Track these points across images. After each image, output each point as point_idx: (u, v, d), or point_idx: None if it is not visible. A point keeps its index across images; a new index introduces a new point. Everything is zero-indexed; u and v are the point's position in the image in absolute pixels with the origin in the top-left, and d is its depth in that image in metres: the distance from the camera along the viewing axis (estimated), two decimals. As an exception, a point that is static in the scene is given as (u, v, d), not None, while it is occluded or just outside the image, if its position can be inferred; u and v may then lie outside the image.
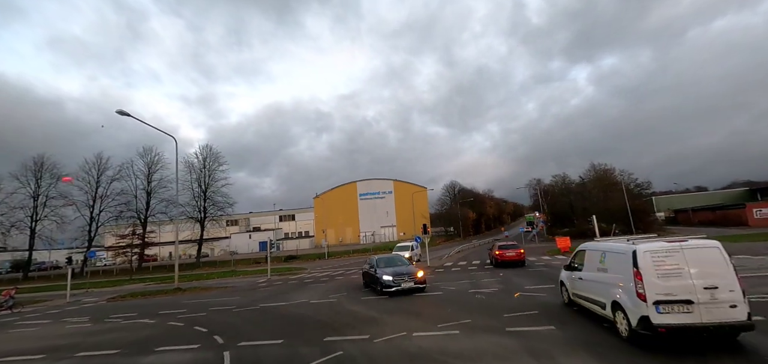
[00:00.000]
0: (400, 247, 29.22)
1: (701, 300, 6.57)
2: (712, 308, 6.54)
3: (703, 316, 6.51)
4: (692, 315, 6.54)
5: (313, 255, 53.79)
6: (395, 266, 15.11)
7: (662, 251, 7.09)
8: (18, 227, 56.51)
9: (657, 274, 6.89)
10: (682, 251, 7.03)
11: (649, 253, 7.11)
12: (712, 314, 6.50)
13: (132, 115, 20.71)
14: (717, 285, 6.63)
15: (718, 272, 6.77)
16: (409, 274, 14.28)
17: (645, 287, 6.86)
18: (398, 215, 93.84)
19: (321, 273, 28.56)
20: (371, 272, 15.70)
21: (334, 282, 21.44)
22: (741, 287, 6.64)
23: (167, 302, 18.46)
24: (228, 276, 32.79)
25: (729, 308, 6.52)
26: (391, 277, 14.01)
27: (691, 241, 7.25)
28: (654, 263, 6.98)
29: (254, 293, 19.44)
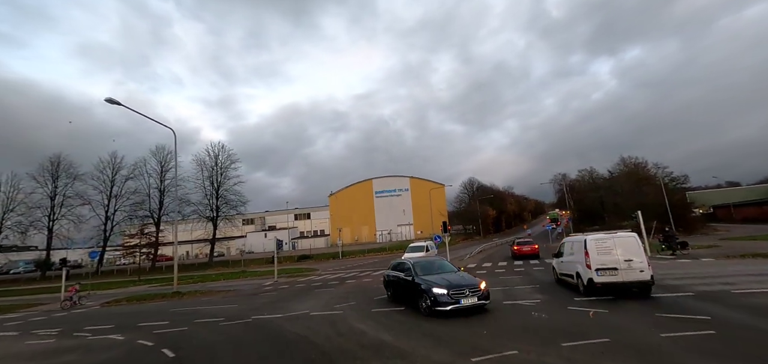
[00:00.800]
0: (413, 247, 26.46)
1: (622, 268, 11.06)
2: (628, 272, 11.02)
3: (624, 276, 11.02)
4: (617, 275, 11.06)
5: (326, 255, 51.86)
6: (444, 274, 11.05)
7: (601, 239, 11.73)
8: (36, 227, 57.01)
9: (597, 252, 11.43)
10: (613, 238, 11.60)
11: (593, 240, 11.76)
12: (629, 276, 11.00)
13: (122, 104, 18.96)
14: (632, 259, 11.09)
15: (634, 252, 11.19)
16: (470, 286, 10.06)
17: (591, 261, 11.40)
18: (415, 213, 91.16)
19: (332, 275, 26.36)
20: (404, 280, 11.65)
21: (344, 287, 19.12)
22: (647, 261, 11.09)
23: (157, 309, 16.55)
24: (236, 277, 31.07)
25: (639, 272, 10.94)
26: (445, 291, 9.85)
27: (619, 233, 12.10)
28: (596, 246, 11.53)
29: (254, 299, 17.33)
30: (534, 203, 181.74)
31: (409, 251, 25.51)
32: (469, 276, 11.06)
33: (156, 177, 56.53)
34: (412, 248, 26.24)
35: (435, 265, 12.01)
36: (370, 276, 23.32)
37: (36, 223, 56.50)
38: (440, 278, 10.61)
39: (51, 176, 56.80)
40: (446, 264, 12.25)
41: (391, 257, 40.04)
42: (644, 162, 62.76)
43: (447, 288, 9.96)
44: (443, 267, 11.89)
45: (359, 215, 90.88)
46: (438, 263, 12.22)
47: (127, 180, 57.33)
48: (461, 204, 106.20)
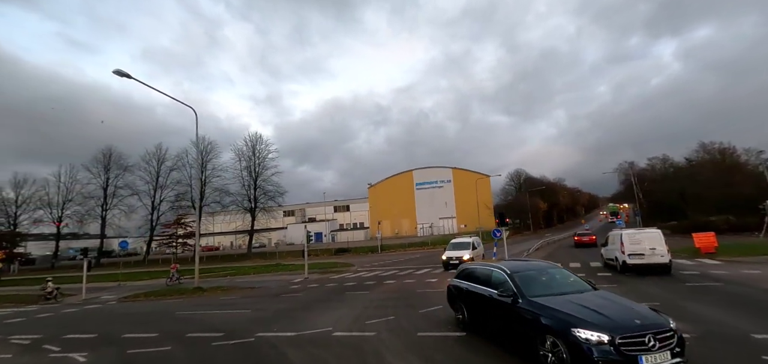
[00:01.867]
0: (456, 243, 22.64)
1: (647, 254, 15.76)
2: (652, 257, 15.67)
3: (648, 260, 15.70)
4: (644, 259, 15.78)
5: (365, 248, 49.04)
6: (581, 297, 6.07)
7: (632, 234, 16.70)
8: (91, 216, 59.70)
9: (630, 243, 16.23)
10: (641, 233, 16.66)
11: (626, 234, 16.64)
12: (652, 259, 15.66)
13: (132, 77, 16.86)
14: (655, 248, 15.75)
15: (657, 242, 15.88)
16: (655, 329, 5.04)
17: (625, 249, 16.21)
18: (458, 206, 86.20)
19: (368, 272, 23.19)
20: (498, 301, 6.78)
21: (382, 290, 15.75)
22: (667, 248, 15.80)
23: (164, 311, 14.19)
24: (268, 271, 28.93)
25: (660, 257, 15.58)
26: (606, 337, 4.90)
27: (646, 230, 17.51)
28: (629, 239, 16.33)
29: (274, 302, 14.48)
30: (588, 196, 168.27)
31: (452, 249, 22.06)
32: (643, 308, 5.70)
33: (197, 167, 56.74)
34: (456, 245, 22.52)
35: (552, 277, 7.04)
36: (413, 276, 19.81)
37: (91, 212, 59.24)
38: (582, 307, 5.48)
39: (103, 168, 58.96)
40: (568, 274, 7.28)
41: (434, 253, 36.21)
42: (732, 148, 53.50)
43: (609, 332, 4.92)
44: (567, 282, 6.86)
45: (399, 208, 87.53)
46: (554, 274, 7.20)
47: (171, 171, 58.12)
48: (508, 196, 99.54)
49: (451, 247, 22.52)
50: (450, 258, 20.87)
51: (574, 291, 6.44)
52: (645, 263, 15.67)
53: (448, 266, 20.46)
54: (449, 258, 20.92)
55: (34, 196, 58.55)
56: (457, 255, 20.72)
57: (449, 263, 20.54)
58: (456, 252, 21.25)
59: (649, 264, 15.60)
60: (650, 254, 15.62)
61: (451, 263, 20.48)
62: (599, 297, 6.11)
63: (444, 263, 21.04)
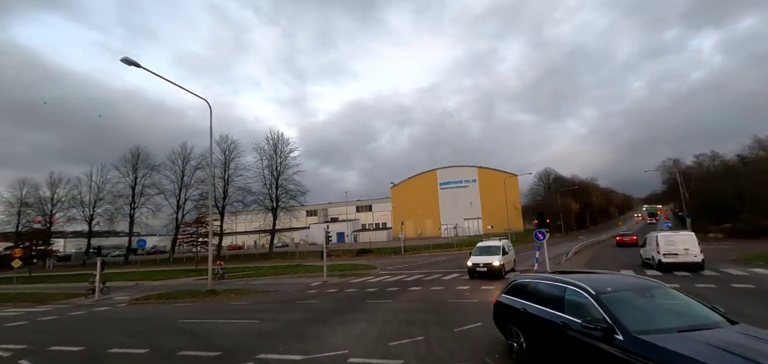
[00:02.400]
0: (483, 247, 19.52)
1: (681, 253, 17.77)
2: (685, 256, 17.66)
3: (681, 259, 17.69)
4: (677, 258, 17.76)
5: (387, 249, 47.37)
6: (716, 334, 3.98)
7: (668, 236, 18.79)
8: (121, 214, 61.01)
9: (665, 244, 18.25)
10: (676, 235, 18.75)
11: (662, 236, 18.71)
12: (685, 258, 17.65)
13: (141, 66, 15.89)
14: (688, 248, 17.72)
15: (690, 244, 17.84)
16: None
17: (660, 249, 18.21)
18: (484, 206, 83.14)
19: (391, 276, 21.42)
20: (585, 335, 4.62)
21: (407, 299, 13.95)
22: (699, 249, 17.59)
23: (167, 316, 12.94)
24: (287, 272, 27.71)
25: (693, 256, 17.52)
26: None
27: (681, 232, 20.15)
28: (664, 241, 18.36)
29: (286, 310, 12.97)
30: (622, 197, 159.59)
31: (479, 253, 18.97)
32: None
33: (220, 167, 56.78)
34: (483, 249, 19.30)
35: (660, 300, 4.96)
36: (440, 283, 17.90)
37: (120, 210, 60.57)
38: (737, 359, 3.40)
39: (132, 167, 60.09)
40: (677, 295, 5.10)
41: (460, 256, 33.98)
42: (793, 143, 48.16)
43: None
44: (685, 309, 4.73)
45: (422, 208, 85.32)
46: (661, 295, 5.06)
47: (196, 170, 58.50)
48: (536, 197, 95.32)
49: (478, 251, 19.33)
50: (476, 265, 18.04)
51: (701, 325, 4.27)
52: (679, 261, 17.81)
53: (475, 273, 17.93)
54: (476, 265, 18.08)
55: (68, 195, 60.41)
56: (485, 261, 17.93)
57: (476, 271, 17.91)
58: (484, 258, 18.30)
59: (682, 262, 17.75)
60: (684, 254, 17.82)
61: (478, 270, 17.86)
62: (751, 338, 3.83)
63: (470, 270, 18.27)
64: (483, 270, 17.67)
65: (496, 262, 17.77)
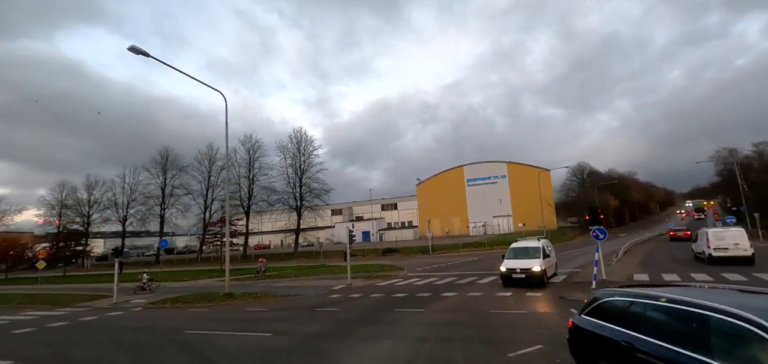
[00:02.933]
0: (519, 249, 16.45)
1: (731, 248, 18.83)
2: (735, 251, 18.70)
3: (732, 253, 18.71)
4: (727, 252, 18.78)
5: (414, 248, 45.48)
6: None
7: (718, 232, 20.05)
8: (152, 214, 62.39)
9: (715, 239, 19.32)
10: (726, 231, 20.02)
11: (712, 232, 19.92)
12: (735, 252, 18.67)
13: (151, 56, 14.90)
14: (738, 243, 18.80)
15: (740, 238, 18.88)
16: None
17: (710, 244, 19.33)
18: (514, 203, 79.48)
19: (420, 280, 19.60)
20: None
21: (442, 307, 12.13)
22: (749, 243, 18.88)
23: (176, 326, 11.76)
24: (309, 273, 26.47)
25: (743, 251, 18.60)
26: None
27: (731, 228, 20.87)
28: (714, 236, 19.51)
29: (304, 321, 11.47)
30: (663, 192, 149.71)
31: (514, 256, 15.97)
32: None
33: (245, 166, 56.81)
34: (519, 251, 16.23)
35: None
36: (477, 287, 15.94)
37: (151, 211, 61.93)
38: None
39: (161, 169, 61.21)
40: None
41: (493, 256, 31.62)
42: None
43: None
44: None
45: (449, 206, 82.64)
46: None
47: (222, 170, 58.76)
48: (569, 192, 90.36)
49: (513, 253, 16.29)
50: (512, 270, 15.00)
51: None
52: (729, 255, 18.76)
53: (510, 280, 15.00)
54: (511, 270, 15.02)
55: (104, 197, 62.29)
56: (522, 266, 14.90)
57: (511, 277, 14.93)
58: (521, 262, 15.27)
59: (732, 256, 18.68)
60: (734, 248, 18.80)
61: (514, 277, 14.87)
62: None
63: (504, 276, 15.24)
64: (520, 277, 14.71)
65: (536, 267, 14.69)
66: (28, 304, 20.09)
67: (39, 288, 25.84)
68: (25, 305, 20.03)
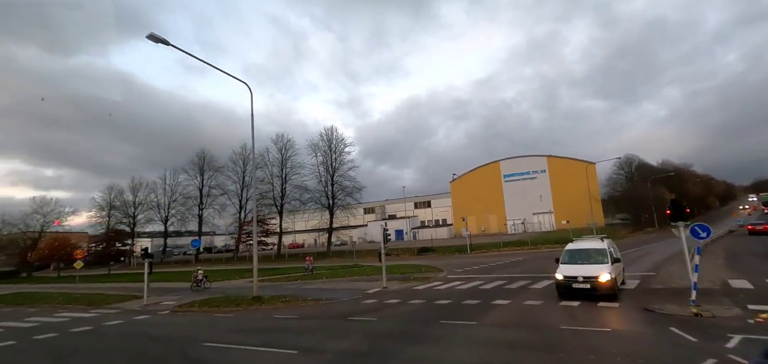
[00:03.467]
0: (578, 251, 13.27)
1: None
2: None
3: None
4: None
5: (451, 247, 43.20)
6: None
7: None
8: (191, 214, 64.21)
9: None
10: None
11: None
12: None
13: (171, 44, 13.99)
14: None
15: None
16: None
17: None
18: (555, 199, 74.79)
19: (463, 283, 17.60)
20: None
21: (495, 320, 10.18)
22: None
23: (196, 336, 10.60)
24: (342, 274, 25.17)
25: None
26: None
27: None
28: None
29: (335, 334, 9.93)
30: (723, 185, 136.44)
31: (573, 261, 12.83)
32: None
33: (277, 166, 56.84)
34: (578, 254, 13.04)
35: None
36: (532, 292, 13.76)
37: (190, 211, 63.73)
38: None
39: (199, 170, 62.74)
40: None
41: (539, 256, 28.94)
42: None
43: None
44: None
45: (485, 203, 79.19)
46: None
47: (257, 169, 59.16)
48: (616, 187, 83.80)
49: (571, 256, 13.09)
50: (572, 279, 11.92)
51: None
52: None
53: (569, 291, 11.93)
54: (570, 279, 11.95)
55: (148, 198, 64.85)
56: (586, 273, 11.75)
57: (572, 288, 11.86)
58: (583, 268, 12.11)
59: None
60: None
61: (575, 287, 11.78)
62: None
63: (561, 286, 12.19)
64: (583, 288, 11.58)
65: (605, 275, 11.45)
66: (66, 304, 20.13)
67: (81, 287, 26.35)
68: (63, 305, 20.08)
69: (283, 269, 34.40)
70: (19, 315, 17.28)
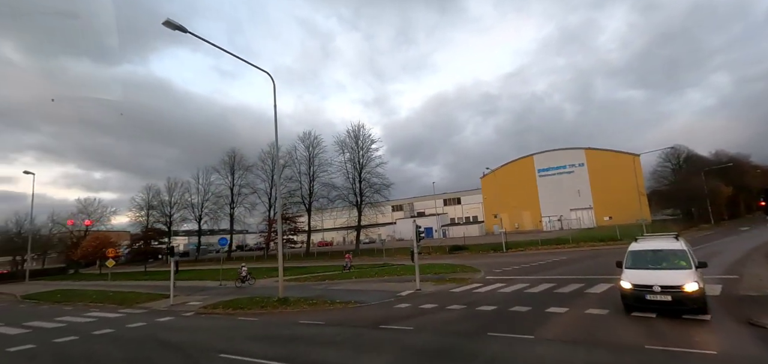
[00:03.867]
0: (649, 252, 10.84)
1: None
2: None
3: None
4: None
5: (484, 245, 41.04)
6: None
7: None
8: (223, 213, 65.47)
9: None
10: None
11: None
12: None
13: (188, 31, 13.19)
14: None
15: None
16: None
17: None
18: (595, 193, 70.44)
19: (505, 285, 15.84)
20: None
21: (557, 333, 8.50)
22: None
23: (213, 346, 9.61)
24: (372, 274, 23.96)
25: None
26: None
27: None
28: None
29: (365, 347, 8.61)
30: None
31: (642, 264, 10.39)
32: None
33: (305, 163, 56.59)
34: (648, 256, 10.65)
35: None
36: (588, 297, 11.88)
37: (222, 209, 64.97)
38: None
39: (230, 170, 63.71)
40: None
41: (582, 254, 26.58)
42: None
43: None
44: None
45: (518, 198, 75.80)
46: None
47: (285, 168, 59.30)
48: (662, 180, 77.62)
49: (639, 260, 10.59)
50: (646, 289, 9.43)
51: None
52: None
53: (642, 304, 9.53)
54: (644, 288, 9.47)
55: (182, 198, 66.66)
56: (664, 283, 9.30)
57: (646, 300, 9.41)
58: (659, 275, 9.66)
59: None
60: None
61: (650, 299, 9.33)
62: None
63: (629, 296, 9.72)
64: (662, 301, 9.15)
65: (690, 284, 9.04)
66: (98, 302, 20.16)
67: (115, 285, 26.74)
68: (95, 303, 20.12)
69: (310, 269, 33.77)
70: (52, 314, 17.27)
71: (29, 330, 13.57)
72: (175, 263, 18.30)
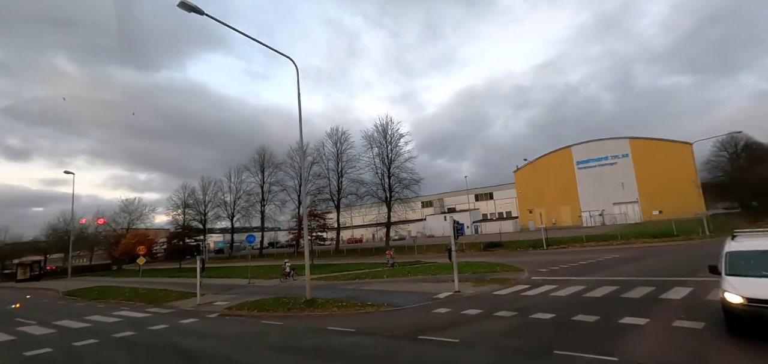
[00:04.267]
0: (760, 253, 8.06)
1: None
2: None
3: None
4: None
5: (522, 242, 38.56)
6: None
7: None
8: (254, 210, 66.29)
9: None
10: None
11: None
12: None
13: (206, 13, 12.26)
14: None
15: None
16: None
17: None
18: (641, 186, 65.32)
19: (557, 287, 13.93)
20: None
21: (649, 356, 6.73)
22: None
23: (230, 354, 8.54)
24: (404, 273, 22.53)
25: None
26: None
27: None
28: None
29: (402, 355, 7.24)
30: None
31: (753, 273, 7.68)
32: None
33: (333, 160, 56.00)
34: (758, 259, 7.95)
35: None
36: (667, 304, 9.88)
37: (253, 206, 65.79)
38: None
39: (260, 168, 64.34)
40: None
41: (635, 252, 23.93)
42: None
43: None
44: None
45: (555, 193, 71.75)
46: None
47: (313, 164, 59.02)
48: (716, 171, 70.83)
49: (747, 263, 8.10)
50: (764, 304, 6.94)
51: None
52: None
53: (757, 321, 7.03)
54: (760, 305, 6.96)
55: (216, 196, 68.10)
56: None
57: (764, 318, 6.91)
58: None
59: None
60: None
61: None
62: None
63: (740, 314, 7.29)
64: None
65: None
66: (129, 301, 20.08)
67: (148, 282, 26.98)
68: (126, 301, 20.06)
69: (340, 266, 32.84)
70: (83, 313, 17.18)
71: (55, 330, 13.26)
72: (201, 262, 17.73)
